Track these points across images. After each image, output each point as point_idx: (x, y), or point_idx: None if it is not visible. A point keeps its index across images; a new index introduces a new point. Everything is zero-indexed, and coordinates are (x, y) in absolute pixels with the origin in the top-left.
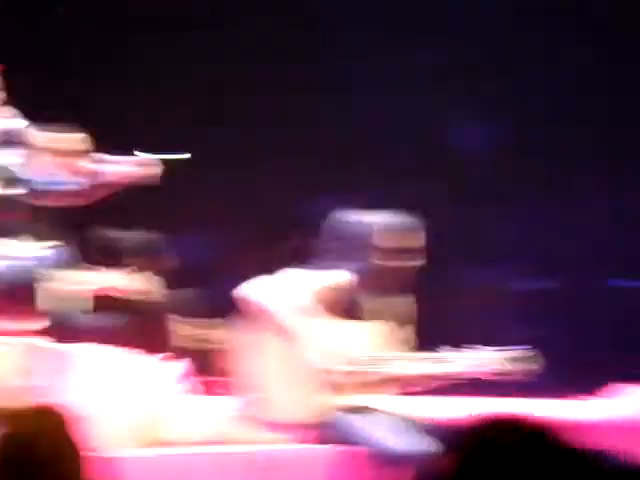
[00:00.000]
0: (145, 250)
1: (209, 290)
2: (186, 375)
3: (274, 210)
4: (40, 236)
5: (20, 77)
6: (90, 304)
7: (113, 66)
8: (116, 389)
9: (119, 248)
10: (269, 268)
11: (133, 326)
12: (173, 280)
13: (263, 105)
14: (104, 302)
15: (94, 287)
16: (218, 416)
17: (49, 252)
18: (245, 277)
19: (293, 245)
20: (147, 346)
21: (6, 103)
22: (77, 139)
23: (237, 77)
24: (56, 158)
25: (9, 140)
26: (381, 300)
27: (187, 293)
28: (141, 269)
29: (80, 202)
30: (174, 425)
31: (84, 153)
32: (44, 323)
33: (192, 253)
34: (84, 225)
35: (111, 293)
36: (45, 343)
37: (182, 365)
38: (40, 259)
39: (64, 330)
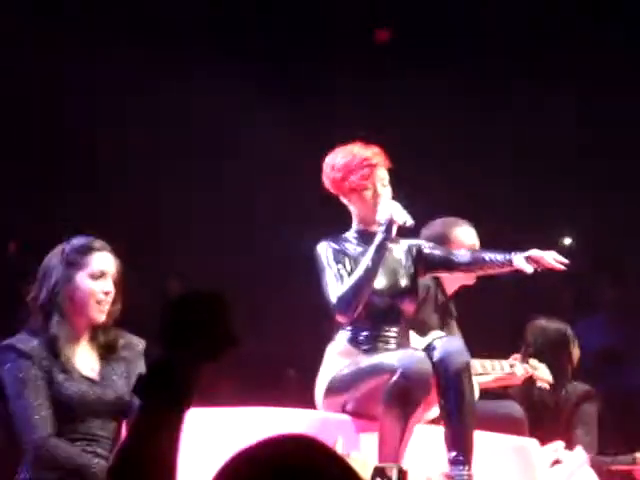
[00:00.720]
0: (557, 339)
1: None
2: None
3: None
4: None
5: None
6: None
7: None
8: None
9: (533, 336)
10: None
11: (533, 416)
12: (578, 370)
13: None
14: (502, 391)
15: (494, 375)
16: None
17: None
18: None
19: None
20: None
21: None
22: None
23: None
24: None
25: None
26: None
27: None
28: (550, 358)
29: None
30: None
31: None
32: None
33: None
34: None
35: (511, 382)
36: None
37: (582, 454)
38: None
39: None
